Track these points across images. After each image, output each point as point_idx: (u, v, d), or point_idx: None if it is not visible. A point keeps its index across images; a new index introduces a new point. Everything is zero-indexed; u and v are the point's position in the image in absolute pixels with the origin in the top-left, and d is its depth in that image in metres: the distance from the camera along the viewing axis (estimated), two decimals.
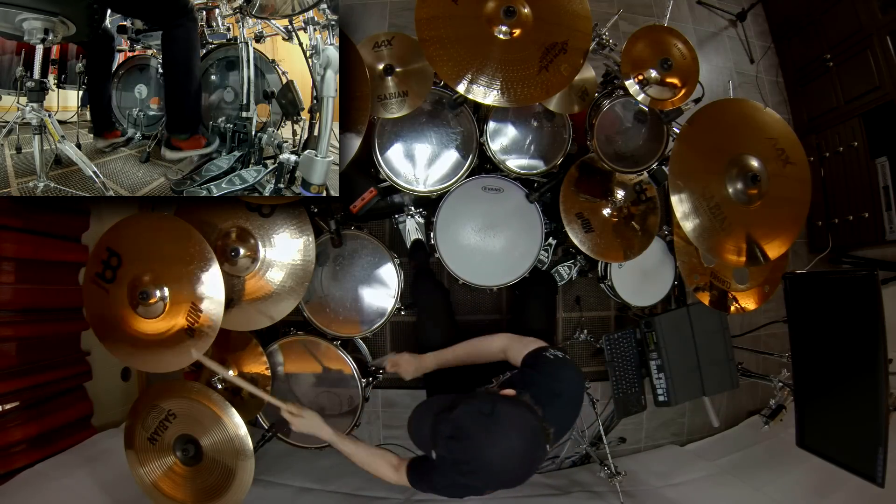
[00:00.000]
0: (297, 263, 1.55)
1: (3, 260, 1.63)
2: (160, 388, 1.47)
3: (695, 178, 1.39)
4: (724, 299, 1.76)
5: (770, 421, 1.78)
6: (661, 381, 1.85)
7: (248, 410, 1.66)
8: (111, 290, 1.42)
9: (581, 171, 1.70)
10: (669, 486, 2.01)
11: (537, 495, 1.93)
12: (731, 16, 2.72)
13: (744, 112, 1.48)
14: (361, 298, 1.73)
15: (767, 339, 2.34)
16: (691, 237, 1.38)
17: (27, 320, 1.71)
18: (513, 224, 1.72)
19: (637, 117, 1.65)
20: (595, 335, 2.18)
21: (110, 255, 1.42)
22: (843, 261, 2.47)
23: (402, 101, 1.54)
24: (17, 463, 1.56)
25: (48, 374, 1.75)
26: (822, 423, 1.61)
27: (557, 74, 1.35)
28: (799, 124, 2.66)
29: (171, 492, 1.47)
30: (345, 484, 1.96)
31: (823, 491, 1.72)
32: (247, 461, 1.43)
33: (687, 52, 1.52)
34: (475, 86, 1.31)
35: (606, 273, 1.90)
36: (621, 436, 2.35)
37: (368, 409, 2.18)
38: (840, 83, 2.40)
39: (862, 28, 2.23)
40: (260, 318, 1.55)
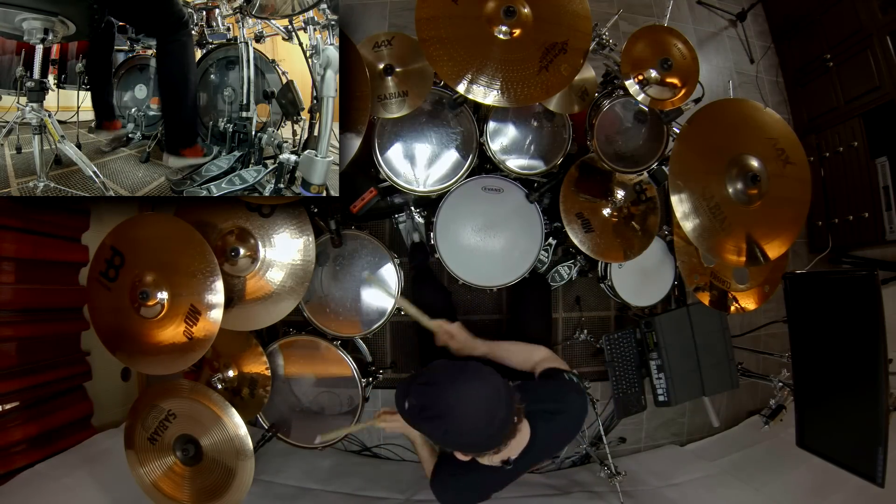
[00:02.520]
0: (297, 263, 1.55)
1: (3, 260, 1.63)
2: (160, 388, 1.47)
3: (695, 178, 1.39)
4: (724, 299, 1.76)
5: (770, 421, 1.78)
6: (661, 381, 1.85)
7: (248, 410, 1.66)
8: (114, 288, 1.42)
9: (581, 171, 1.70)
10: (669, 486, 2.01)
11: (537, 495, 1.93)
12: (731, 16, 2.72)
13: (744, 112, 1.48)
14: (361, 298, 1.72)
15: (767, 339, 2.34)
16: (691, 237, 1.38)
17: (27, 320, 1.71)
18: (513, 224, 1.72)
19: (637, 117, 1.65)
20: (595, 335, 2.18)
21: (114, 255, 1.42)
22: (843, 261, 2.47)
23: (402, 101, 1.54)
24: (17, 463, 1.56)
25: (48, 374, 1.75)
26: (821, 423, 1.61)
27: (557, 74, 1.35)
28: (799, 124, 2.66)
29: (171, 492, 1.47)
30: (345, 484, 1.96)
31: (823, 491, 1.72)
32: (247, 461, 1.43)
33: (687, 52, 1.52)
34: (475, 86, 1.31)
35: (606, 273, 1.90)
36: (621, 436, 2.35)
37: (368, 409, 2.17)
38: (840, 83, 2.40)
39: (862, 28, 2.23)
40: (260, 318, 1.55)
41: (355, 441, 2.20)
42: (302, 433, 1.74)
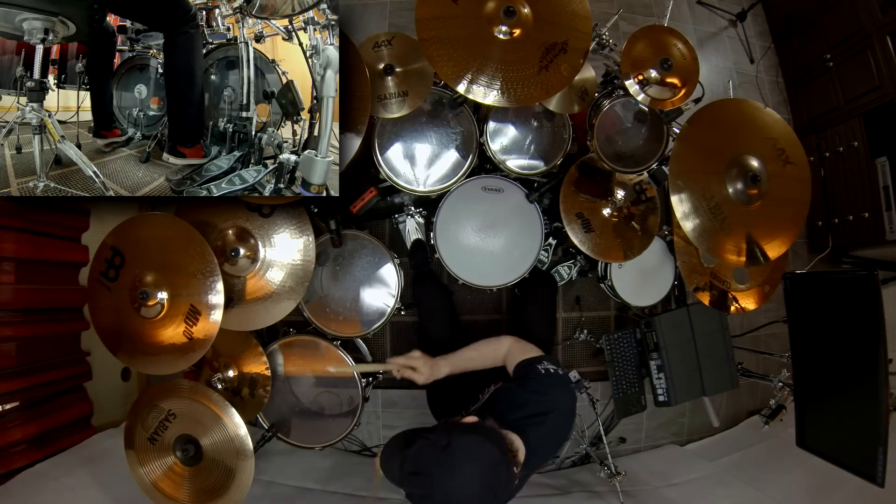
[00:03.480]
0: (297, 263, 1.55)
1: (3, 260, 1.63)
2: (160, 388, 1.47)
3: (695, 178, 1.39)
4: (724, 299, 1.76)
5: (770, 421, 1.78)
6: (661, 381, 1.85)
7: (248, 410, 1.66)
8: (114, 288, 1.42)
9: (581, 171, 1.70)
10: (669, 486, 2.01)
11: (537, 495, 1.93)
12: (731, 16, 2.72)
13: (744, 112, 1.48)
14: (361, 298, 1.72)
15: (767, 339, 2.34)
16: (691, 237, 1.38)
17: (27, 320, 1.71)
18: (513, 224, 1.72)
19: (637, 117, 1.65)
20: (595, 335, 2.18)
21: (114, 255, 1.42)
22: (843, 261, 2.47)
23: (402, 101, 1.54)
24: (17, 463, 1.56)
25: (48, 374, 1.75)
26: (822, 423, 1.61)
27: (557, 74, 1.35)
28: (799, 124, 2.66)
29: (171, 492, 1.47)
30: (345, 484, 1.96)
31: (823, 491, 1.72)
32: (247, 461, 1.43)
33: (687, 52, 1.52)
34: (475, 86, 1.31)
35: (606, 273, 1.90)
36: (621, 436, 2.35)
37: (368, 409, 2.18)
38: (840, 83, 2.40)
39: (862, 28, 2.23)
40: (260, 318, 1.55)
41: (355, 441, 2.20)
42: (302, 433, 1.74)
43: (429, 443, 0.89)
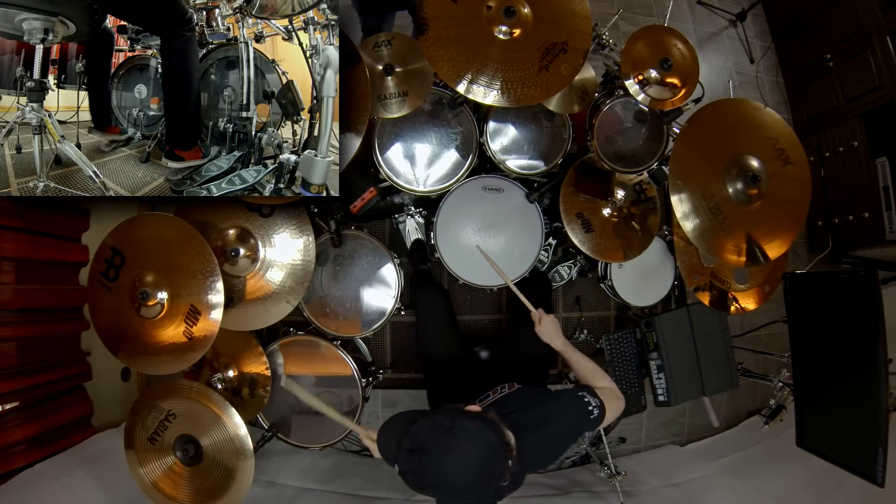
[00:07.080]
0: (297, 263, 1.55)
1: (3, 260, 1.62)
2: (160, 388, 1.47)
3: (695, 178, 1.39)
4: (724, 299, 1.76)
5: (770, 421, 1.78)
6: (661, 381, 1.85)
7: (248, 410, 1.66)
8: (114, 288, 1.42)
9: (581, 171, 1.70)
10: (669, 486, 2.01)
11: (537, 495, 1.93)
12: (731, 16, 2.72)
13: (744, 112, 1.48)
14: (361, 298, 1.72)
15: (767, 339, 2.34)
16: (691, 237, 1.38)
17: (27, 320, 1.70)
18: (513, 224, 1.71)
19: (637, 117, 1.65)
20: (595, 335, 2.18)
21: (114, 255, 1.42)
22: (843, 261, 2.47)
23: (402, 101, 1.54)
24: (17, 463, 1.56)
25: (48, 374, 1.75)
26: (822, 423, 1.61)
27: (557, 74, 1.35)
28: (799, 124, 2.66)
29: (171, 492, 1.47)
30: (345, 484, 1.96)
31: (823, 491, 1.72)
32: (247, 461, 1.43)
33: (687, 52, 1.52)
34: (475, 86, 1.31)
35: (606, 273, 1.90)
36: (621, 436, 2.35)
37: (368, 409, 2.18)
38: (840, 83, 2.40)
39: (862, 28, 2.23)
40: (260, 318, 1.55)
41: (355, 441, 2.20)
42: (302, 433, 1.74)
43: (433, 422, 0.91)
